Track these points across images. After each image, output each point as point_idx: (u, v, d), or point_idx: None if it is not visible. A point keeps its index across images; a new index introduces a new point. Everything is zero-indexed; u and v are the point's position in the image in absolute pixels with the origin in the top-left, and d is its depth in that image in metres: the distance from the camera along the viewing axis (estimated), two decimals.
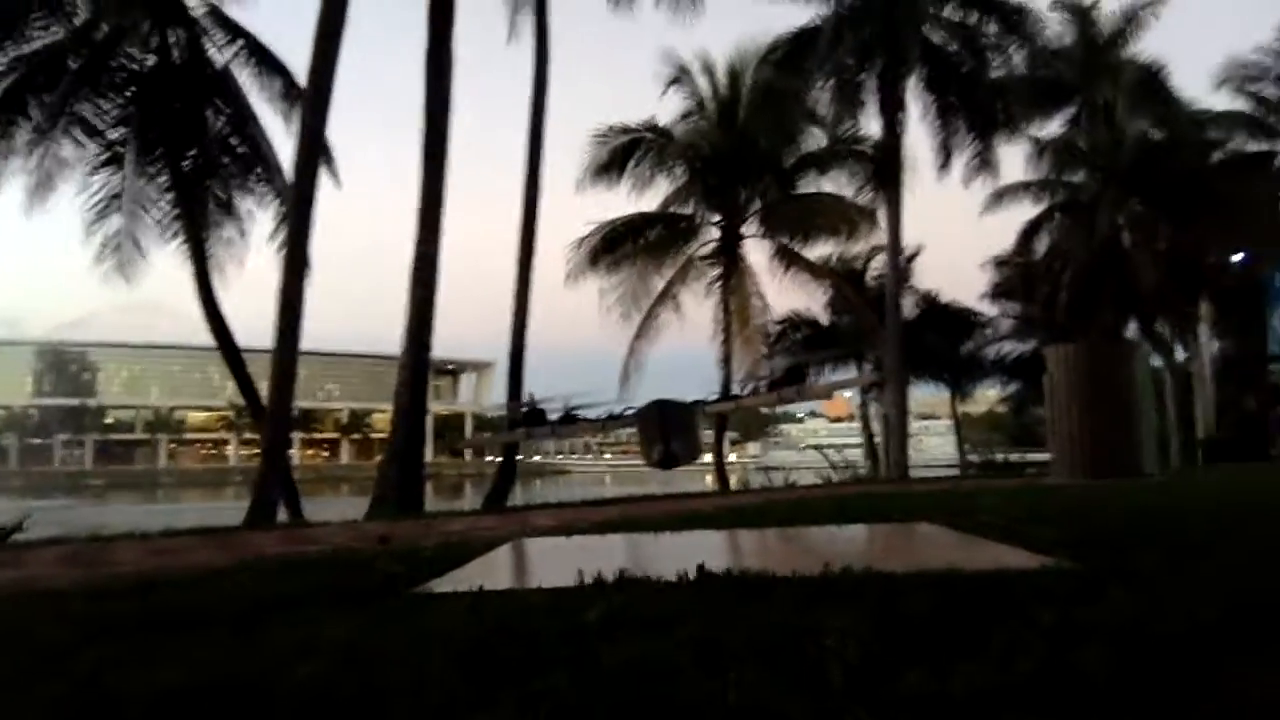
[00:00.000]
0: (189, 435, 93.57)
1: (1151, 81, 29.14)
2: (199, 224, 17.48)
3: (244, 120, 17.77)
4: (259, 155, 17.84)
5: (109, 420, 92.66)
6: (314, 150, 11.67)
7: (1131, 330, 28.55)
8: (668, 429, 3.93)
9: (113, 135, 17.54)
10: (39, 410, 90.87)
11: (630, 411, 4.39)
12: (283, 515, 13.74)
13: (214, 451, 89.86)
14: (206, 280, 16.96)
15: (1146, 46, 29.48)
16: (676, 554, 3.24)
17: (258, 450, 14.61)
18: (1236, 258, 24.18)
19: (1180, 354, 31.67)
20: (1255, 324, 27.05)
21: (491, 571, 2.88)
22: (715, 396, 4.71)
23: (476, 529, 5.49)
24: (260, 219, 18.24)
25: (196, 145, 17.63)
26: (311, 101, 11.91)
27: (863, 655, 1.39)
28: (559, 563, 3.09)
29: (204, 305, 16.75)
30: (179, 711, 1.33)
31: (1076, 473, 9.41)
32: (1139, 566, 2.13)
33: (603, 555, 3.21)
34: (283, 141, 17.72)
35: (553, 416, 4.68)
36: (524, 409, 4.93)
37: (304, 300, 11.43)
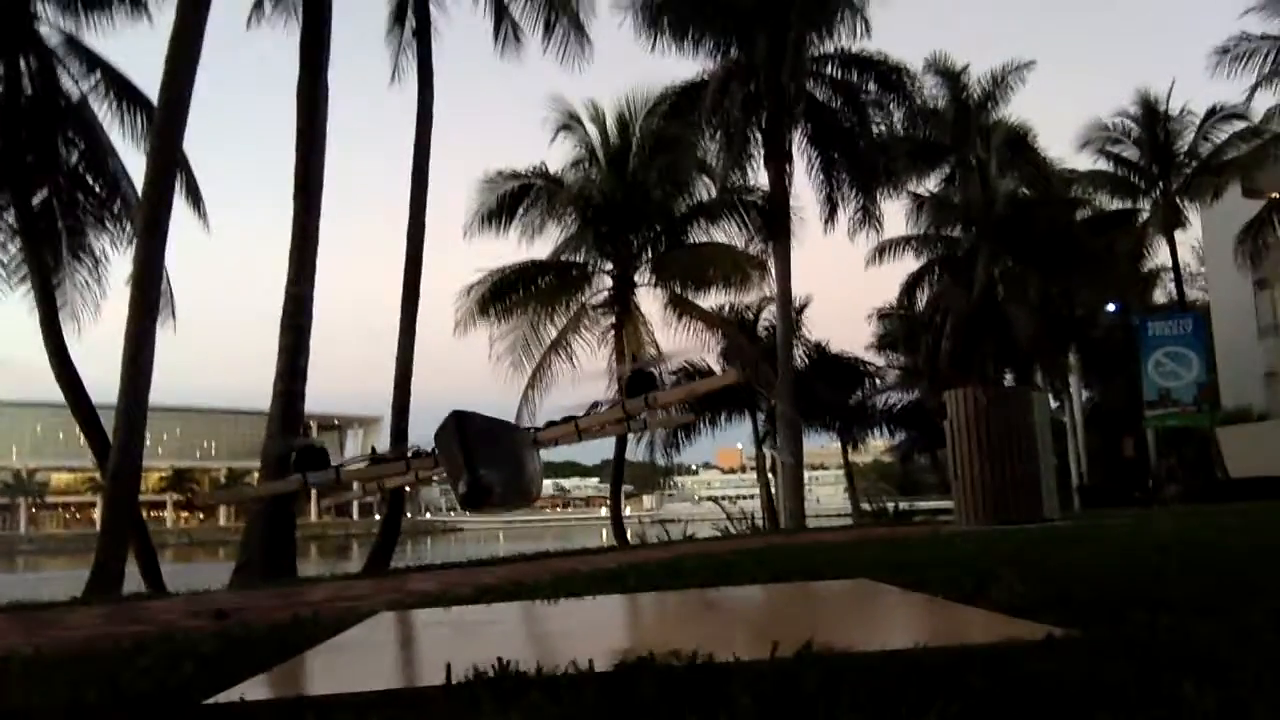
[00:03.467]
0: (52, 498, 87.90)
1: (1019, 142, 30.60)
2: (48, 267, 16.12)
3: (101, 155, 16.57)
4: (117, 193, 16.65)
5: None
6: (166, 169, 10.61)
7: (1008, 379, 29.44)
8: (473, 452, 2.76)
9: None
10: None
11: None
12: (139, 584, 12.55)
13: (79, 516, 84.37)
14: (56, 328, 15.56)
15: (1015, 109, 30.97)
16: (581, 630, 2.62)
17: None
18: (1110, 308, 25.18)
19: (1051, 402, 32.83)
20: (1126, 372, 28.21)
21: (331, 666, 2.18)
22: (547, 423, 3.74)
23: (342, 597, 4.78)
24: (118, 262, 17.00)
25: (47, 181, 16.33)
26: (163, 113, 10.81)
27: None
28: (425, 648, 2.40)
29: (53, 355, 15.33)
30: None
31: (979, 518, 9.23)
32: (1162, 636, 1.69)
33: (484, 635, 2.57)
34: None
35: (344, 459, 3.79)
36: (295, 450, 3.96)
37: (153, 342, 10.38)
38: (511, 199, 22.54)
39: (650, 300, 23.46)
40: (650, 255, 23.42)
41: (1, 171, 16.05)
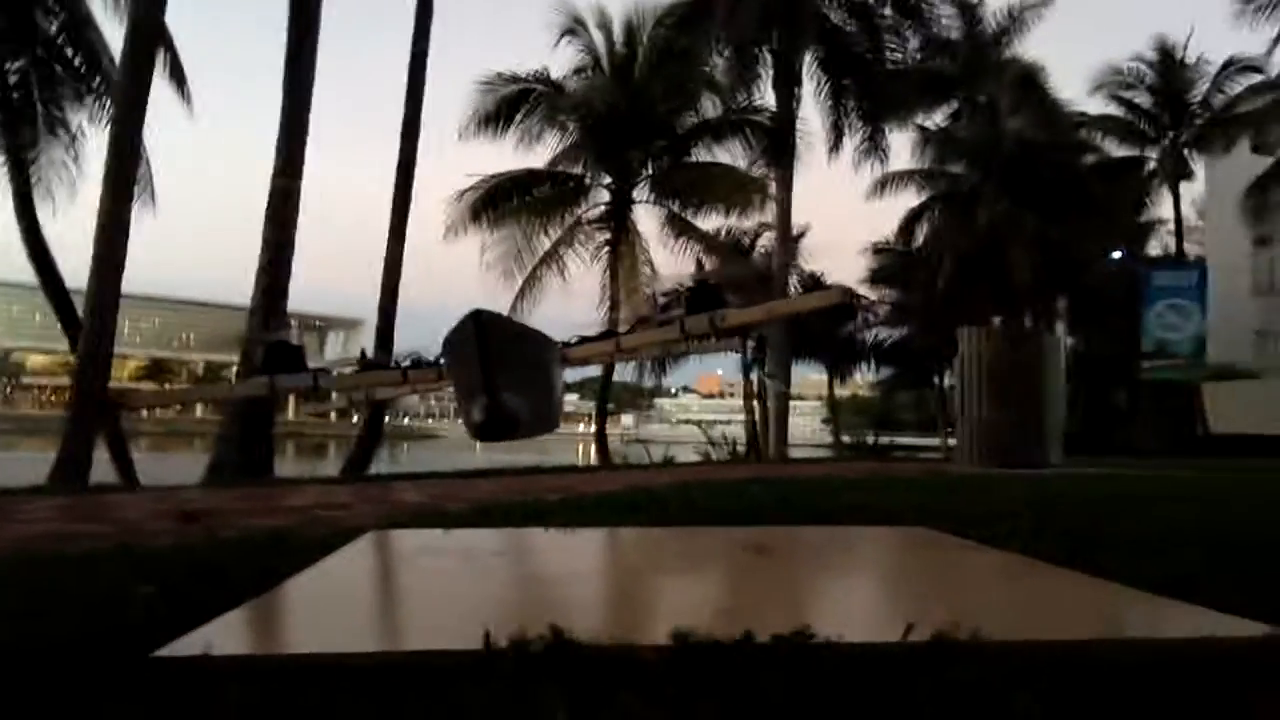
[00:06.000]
0: (28, 379, 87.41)
1: (1031, 81, 29.89)
2: (24, 142, 15.36)
3: (80, 26, 15.65)
4: (97, 67, 15.77)
5: None
6: (146, 41, 9.89)
7: (996, 322, 29.21)
8: (496, 368, 2.10)
9: None
10: None
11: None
12: (109, 473, 12.20)
13: (55, 398, 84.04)
14: (29, 206, 14.89)
15: (1028, 47, 30.17)
16: (618, 575, 2.23)
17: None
18: (1115, 255, 24.85)
19: None
20: (1115, 321, 28.02)
21: (320, 606, 1.74)
22: (579, 338, 3.05)
23: (322, 505, 4.42)
24: (96, 142, 16.21)
25: (24, 52, 15.45)
26: None
27: None
28: (435, 588, 1.91)
29: (26, 233, 14.70)
30: None
31: (980, 460, 8.98)
32: None
33: (501, 572, 2.16)
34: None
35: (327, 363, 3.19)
36: (265, 346, 3.34)
37: (127, 223, 9.82)
38: (510, 104, 21.72)
39: (647, 219, 22.90)
40: (651, 171, 22.75)
41: None
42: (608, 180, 22.58)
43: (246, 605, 1.57)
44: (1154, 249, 35.21)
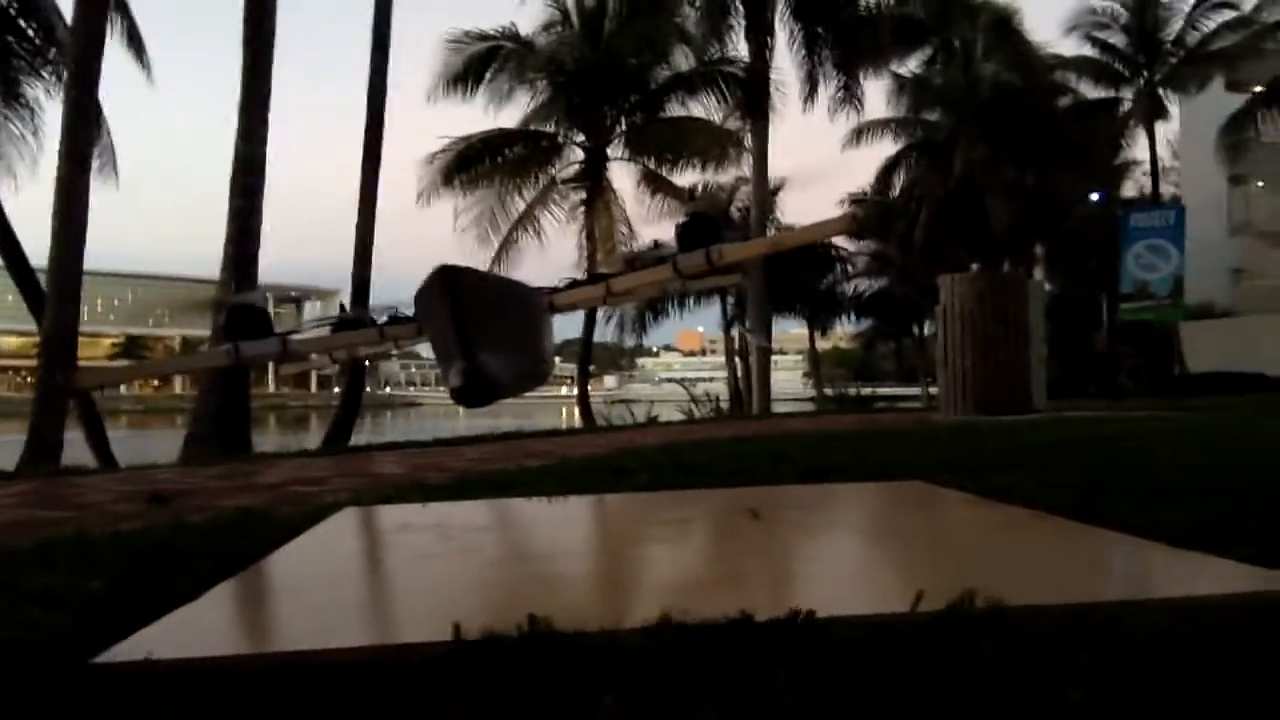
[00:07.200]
0: (1, 362, 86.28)
1: (1005, 24, 29.61)
2: None
3: None
4: (52, 37, 15.29)
5: None
6: (96, 5, 9.53)
7: (974, 269, 29.26)
8: (471, 328, 1.89)
9: None
10: None
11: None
12: (85, 453, 12.01)
13: (29, 380, 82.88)
14: None
15: None
16: (607, 549, 2.13)
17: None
18: (1094, 198, 24.76)
19: None
20: (1093, 264, 28.05)
21: (280, 599, 1.64)
22: (567, 281, 2.84)
23: (298, 480, 4.30)
24: (54, 114, 15.76)
25: None
26: None
27: None
28: (407, 572, 1.82)
29: None
30: None
31: (965, 408, 8.95)
32: None
33: (481, 551, 2.04)
34: None
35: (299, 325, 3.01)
36: (227, 311, 3.12)
37: (86, 195, 9.52)
38: (479, 62, 21.26)
39: (623, 176, 22.61)
40: (624, 127, 22.43)
41: None
42: (581, 138, 22.26)
43: (199, 600, 1.46)
44: (1130, 190, 35.23)
